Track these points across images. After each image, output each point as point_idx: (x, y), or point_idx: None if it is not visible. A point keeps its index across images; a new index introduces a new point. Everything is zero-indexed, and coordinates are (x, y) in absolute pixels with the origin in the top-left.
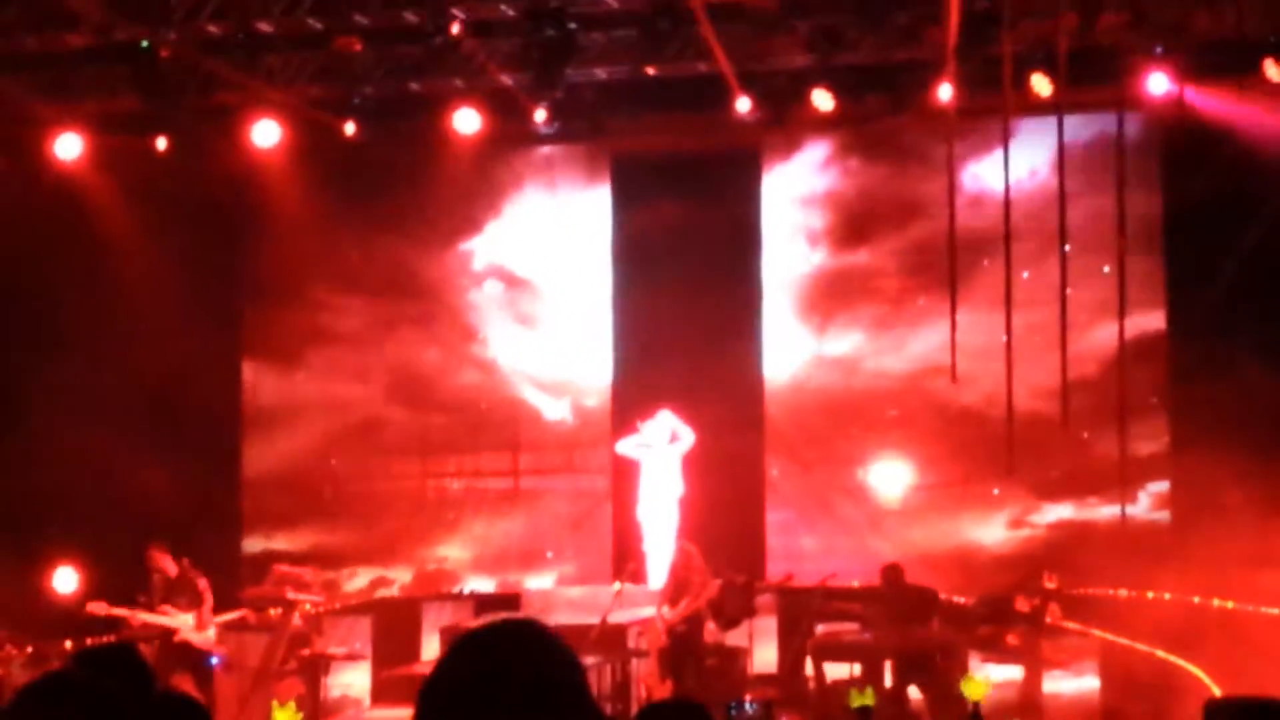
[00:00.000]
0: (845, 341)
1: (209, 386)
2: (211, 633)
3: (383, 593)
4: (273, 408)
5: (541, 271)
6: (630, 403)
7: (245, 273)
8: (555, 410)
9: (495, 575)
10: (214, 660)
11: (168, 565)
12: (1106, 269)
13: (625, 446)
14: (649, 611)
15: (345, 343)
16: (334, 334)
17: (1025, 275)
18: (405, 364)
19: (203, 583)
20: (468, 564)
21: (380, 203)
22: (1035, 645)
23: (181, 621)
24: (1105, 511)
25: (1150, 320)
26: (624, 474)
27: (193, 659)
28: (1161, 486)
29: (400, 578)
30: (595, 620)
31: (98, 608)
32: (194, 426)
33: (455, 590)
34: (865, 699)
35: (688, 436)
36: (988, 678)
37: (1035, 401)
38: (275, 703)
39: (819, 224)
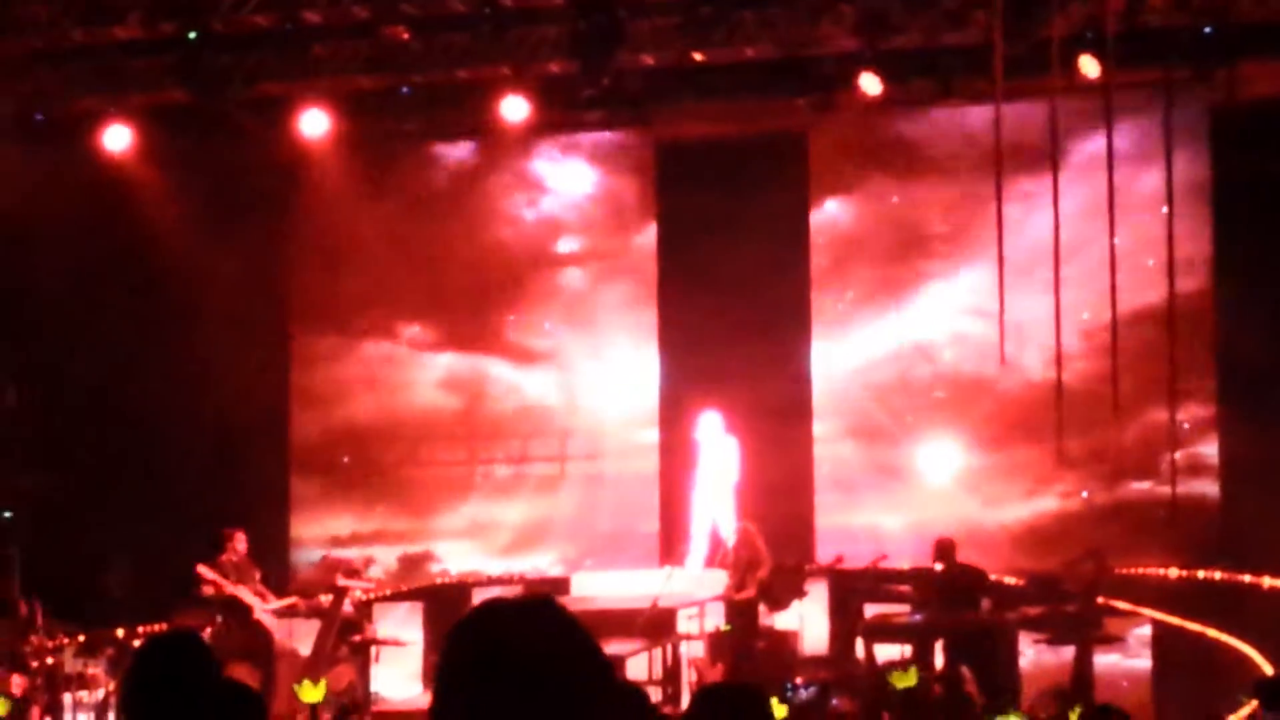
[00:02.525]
0: (860, 313)
1: (256, 375)
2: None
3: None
4: (320, 395)
5: (587, 257)
6: (678, 389)
7: (293, 262)
8: (599, 397)
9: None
10: None
11: (241, 547)
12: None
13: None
14: (702, 594)
15: (393, 329)
16: (382, 322)
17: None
18: (453, 352)
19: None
20: (496, 548)
21: (424, 190)
22: (1086, 625)
23: (256, 602)
24: (1152, 487)
25: (1196, 293)
26: (671, 461)
27: (257, 643)
28: (1210, 460)
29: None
30: (645, 604)
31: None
32: (242, 415)
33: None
34: (908, 679)
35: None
36: None
37: (1051, 369)
38: (307, 682)
39: None
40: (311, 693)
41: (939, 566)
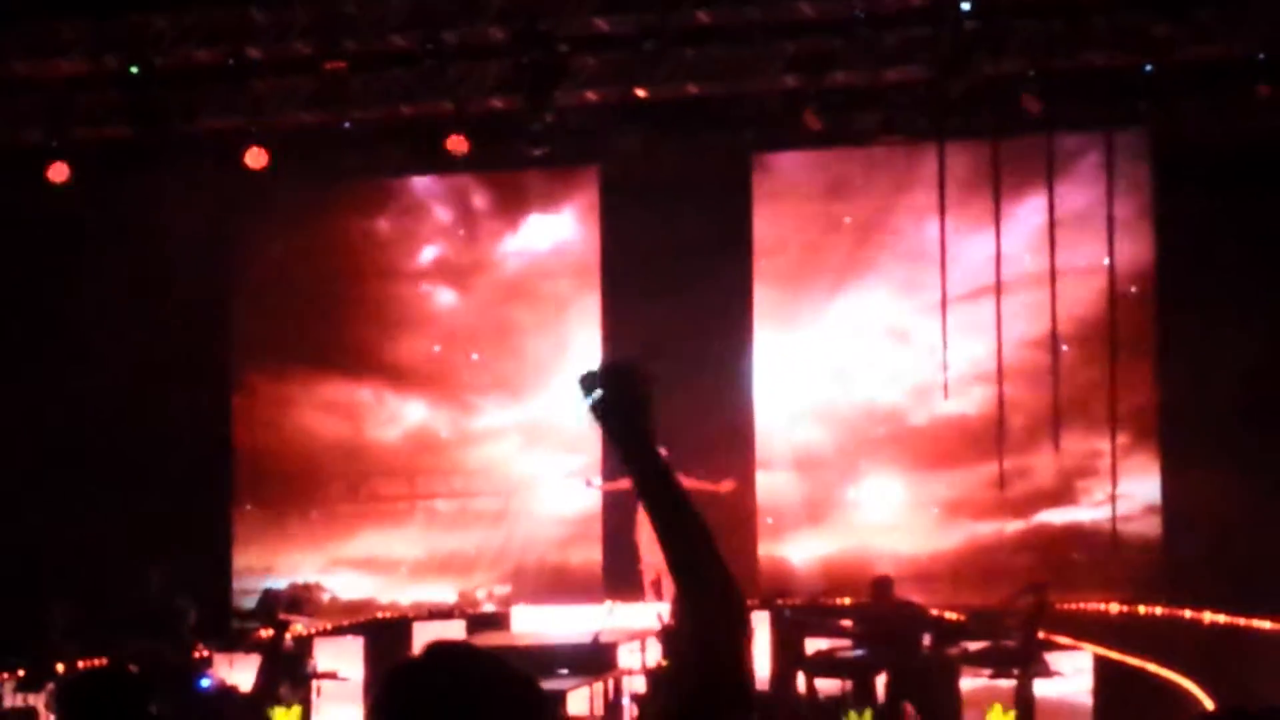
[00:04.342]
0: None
1: (199, 410)
2: (196, 654)
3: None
4: (261, 427)
5: (531, 293)
6: None
7: (235, 296)
8: (541, 429)
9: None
10: (205, 683)
11: (156, 585)
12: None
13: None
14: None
15: (336, 362)
16: (324, 355)
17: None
18: (393, 385)
19: (182, 603)
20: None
21: (369, 225)
22: (1027, 660)
23: (167, 642)
24: (1076, 516)
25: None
26: (613, 494)
27: (181, 681)
28: (1152, 494)
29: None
30: (586, 639)
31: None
32: (184, 451)
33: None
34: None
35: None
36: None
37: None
38: (280, 708)
39: None
40: (286, 716)
41: (875, 604)
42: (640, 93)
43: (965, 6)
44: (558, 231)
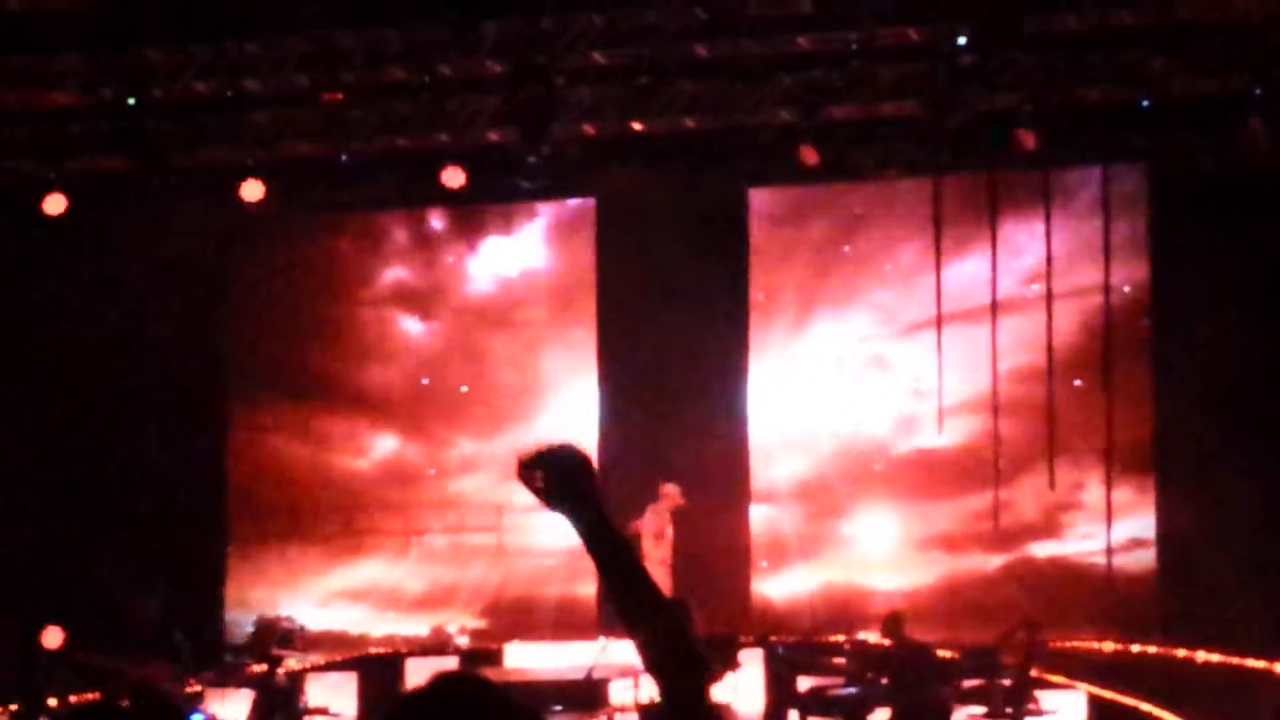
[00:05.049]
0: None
1: (194, 443)
2: (188, 687)
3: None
4: (250, 461)
5: (526, 322)
6: (615, 455)
7: (229, 329)
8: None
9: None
10: (197, 718)
11: (148, 614)
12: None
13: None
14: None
15: (326, 395)
16: (314, 388)
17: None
18: (377, 417)
19: (178, 635)
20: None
21: (366, 255)
22: (1021, 698)
23: (160, 672)
24: (1080, 552)
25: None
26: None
27: (172, 715)
28: (1141, 529)
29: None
30: (579, 676)
31: (91, 658)
32: (179, 483)
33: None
34: None
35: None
36: None
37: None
38: None
39: None
40: None
41: (885, 640)
42: (636, 126)
43: (961, 41)
44: (525, 258)
